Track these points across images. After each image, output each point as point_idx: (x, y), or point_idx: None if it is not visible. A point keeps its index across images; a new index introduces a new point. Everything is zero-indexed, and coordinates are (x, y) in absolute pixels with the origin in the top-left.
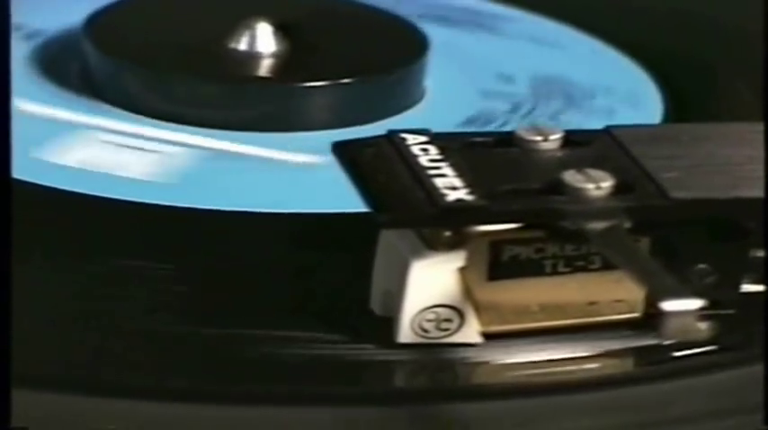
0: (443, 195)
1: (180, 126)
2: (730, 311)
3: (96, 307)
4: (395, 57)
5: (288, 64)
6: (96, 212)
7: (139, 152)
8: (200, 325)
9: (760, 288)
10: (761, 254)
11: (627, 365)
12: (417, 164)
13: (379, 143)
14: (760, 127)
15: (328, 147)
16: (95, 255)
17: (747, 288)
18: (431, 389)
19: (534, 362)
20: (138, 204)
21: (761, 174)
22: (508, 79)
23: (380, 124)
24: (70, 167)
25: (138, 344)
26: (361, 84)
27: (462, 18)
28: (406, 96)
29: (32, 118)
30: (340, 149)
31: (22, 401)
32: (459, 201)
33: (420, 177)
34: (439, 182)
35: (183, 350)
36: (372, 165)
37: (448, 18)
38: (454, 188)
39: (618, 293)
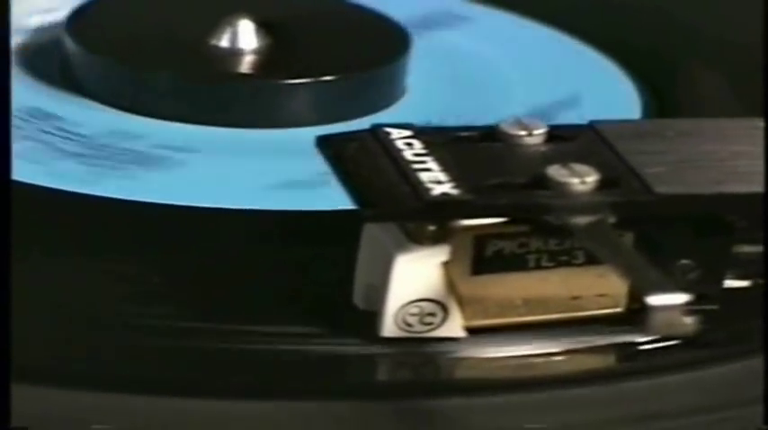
0: (428, 189)
1: (163, 122)
2: (713, 307)
3: (95, 303)
4: (377, 54)
5: (270, 61)
6: (92, 211)
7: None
8: (187, 320)
9: (743, 283)
10: (745, 249)
11: (610, 360)
12: (402, 158)
13: (364, 137)
14: (745, 122)
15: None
16: (92, 252)
17: (730, 283)
18: (414, 384)
19: (518, 356)
20: (129, 202)
21: (746, 169)
22: (488, 77)
23: (361, 121)
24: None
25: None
26: (343, 81)
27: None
28: (387, 94)
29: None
30: (324, 143)
31: (22, 397)
32: (444, 195)
33: (405, 171)
34: (424, 176)
35: (171, 345)
36: (356, 159)
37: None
38: (439, 182)
39: (601, 288)
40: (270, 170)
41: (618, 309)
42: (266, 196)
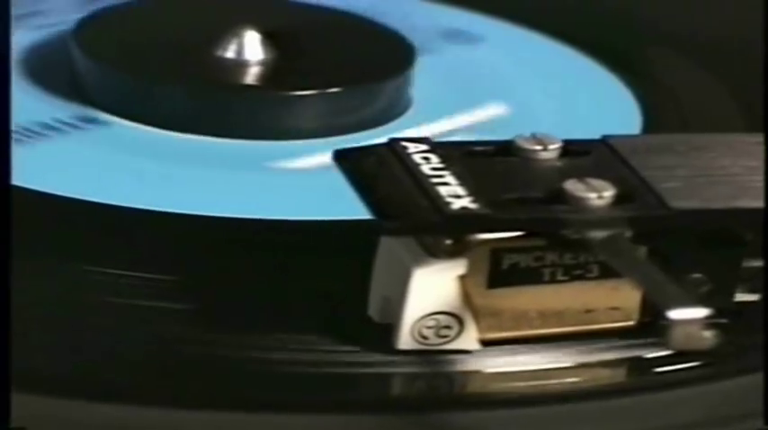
0: (448, 203)
1: (169, 132)
2: (724, 321)
3: (96, 312)
4: (382, 66)
5: (275, 72)
6: (93, 217)
7: (127, 157)
8: (197, 330)
9: (754, 297)
10: (754, 263)
11: (623, 375)
12: (420, 172)
13: (381, 151)
14: (757, 138)
15: (316, 155)
16: (94, 259)
17: (742, 297)
18: (429, 398)
19: (531, 370)
20: (133, 210)
21: (759, 184)
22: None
23: (367, 134)
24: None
25: (140, 349)
26: (349, 93)
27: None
28: (392, 106)
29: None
30: (341, 157)
31: (21, 404)
32: (464, 209)
33: (423, 185)
34: (443, 190)
35: (181, 356)
36: (375, 173)
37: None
38: (458, 196)
39: (614, 301)
40: (274, 181)
41: (630, 323)
42: (271, 206)
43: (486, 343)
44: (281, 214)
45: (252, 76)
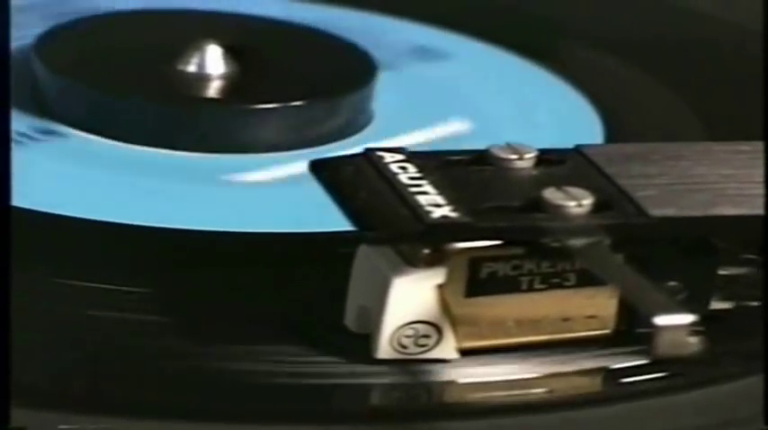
0: (429, 212)
1: (131, 146)
2: (700, 328)
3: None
4: (344, 80)
5: (237, 86)
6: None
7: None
8: (172, 342)
9: (728, 305)
10: (731, 271)
11: (600, 383)
12: (398, 181)
13: (358, 161)
14: (730, 146)
15: (279, 168)
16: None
17: (716, 305)
18: (408, 407)
19: (509, 380)
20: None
21: (736, 192)
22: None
23: (329, 147)
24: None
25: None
26: (311, 106)
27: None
28: (354, 120)
29: None
30: (318, 167)
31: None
32: (444, 217)
33: (402, 194)
34: (422, 199)
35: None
36: (352, 182)
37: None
38: (438, 205)
39: (591, 310)
40: (238, 194)
41: (606, 331)
42: (236, 220)
43: (464, 352)
44: (243, 226)
45: (213, 89)
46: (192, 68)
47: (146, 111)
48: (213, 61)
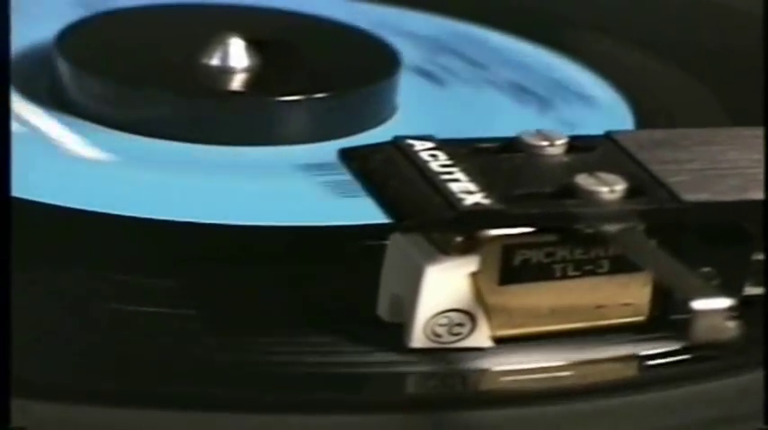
0: (461, 199)
1: (155, 140)
2: (736, 313)
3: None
4: (368, 72)
5: (261, 79)
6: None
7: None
8: (205, 335)
9: (760, 291)
10: (761, 257)
11: (635, 370)
12: (429, 169)
13: (387, 149)
14: (759, 131)
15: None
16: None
17: (750, 291)
18: (442, 396)
19: (542, 367)
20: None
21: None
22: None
23: (354, 139)
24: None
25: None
26: (335, 98)
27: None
28: (378, 111)
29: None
30: (348, 156)
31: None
32: (477, 204)
33: (434, 182)
34: (454, 186)
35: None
36: (383, 171)
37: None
38: (470, 192)
39: (625, 297)
40: (264, 186)
41: (640, 318)
42: (264, 211)
43: (498, 340)
44: (271, 220)
45: (238, 82)
46: (215, 62)
47: (170, 104)
48: (236, 54)
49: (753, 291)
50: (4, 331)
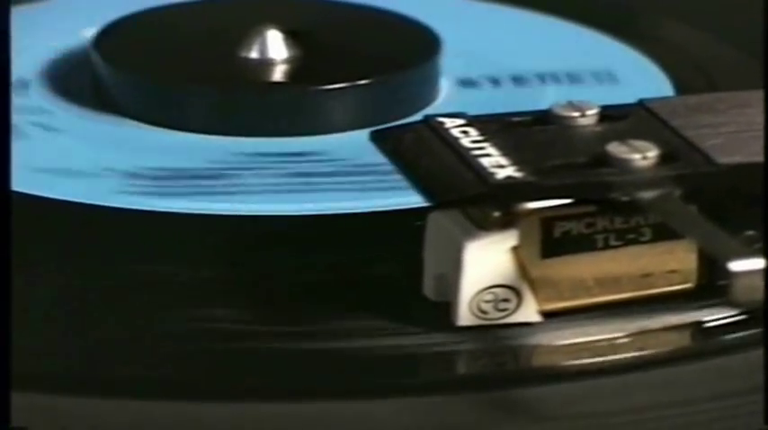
0: (492, 174)
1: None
2: None
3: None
4: (409, 55)
5: (302, 69)
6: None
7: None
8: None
9: None
10: None
11: (687, 339)
12: (460, 145)
13: (418, 128)
14: None
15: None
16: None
17: None
18: (496, 374)
19: (598, 340)
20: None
21: None
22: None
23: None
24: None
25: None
26: (378, 84)
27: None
28: (422, 95)
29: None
30: (380, 137)
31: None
32: (509, 178)
33: (465, 158)
34: (485, 161)
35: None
36: (414, 150)
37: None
38: (501, 166)
39: (670, 264)
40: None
41: (689, 285)
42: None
43: (547, 314)
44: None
45: (279, 73)
46: (254, 55)
47: (212, 99)
48: (275, 46)
49: None
50: (4, 330)
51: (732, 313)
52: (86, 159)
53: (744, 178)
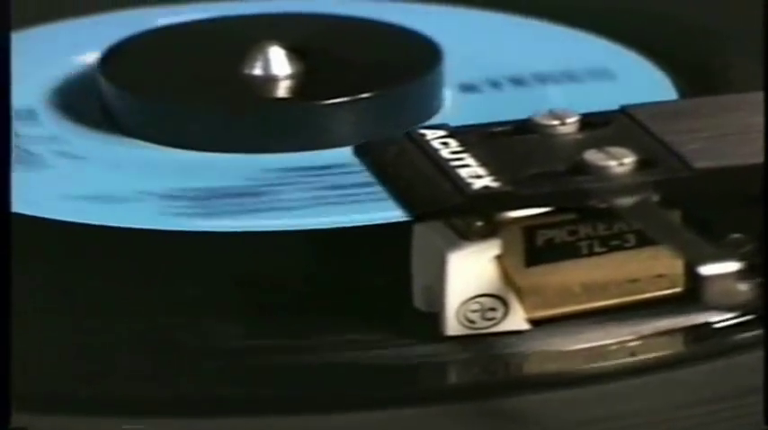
0: (469, 184)
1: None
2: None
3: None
4: (410, 68)
5: (305, 84)
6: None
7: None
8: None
9: None
10: None
11: (678, 344)
12: (440, 157)
13: (400, 141)
14: None
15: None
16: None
17: None
18: (486, 383)
19: (590, 347)
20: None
21: None
22: (522, 82)
23: None
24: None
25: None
26: (381, 97)
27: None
28: (425, 107)
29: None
30: (362, 151)
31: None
32: (485, 188)
33: (444, 169)
34: (463, 172)
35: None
36: (395, 163)
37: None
38: (479, 176)
39: (657, 269)
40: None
41: (678, 289)
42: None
43: (536, 322)
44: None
45: (283, 90)
46: (258, 72)
47: (217, 118)
48: (278, 63)
49: None
50: (4, 332)
51: (723, 317)
52: (117, 184)
53: (721, 182)
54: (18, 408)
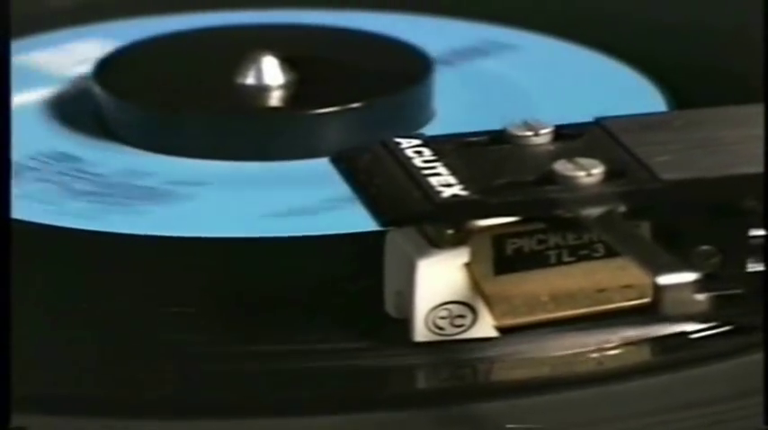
0: (439, 192)
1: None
2: (738, 291)
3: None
4: (401, 78)
5: (297, 94)
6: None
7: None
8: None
9: (763, 267)
10: (759, 233)
11: (644, 354)
12: (412, 165)
13: (375, 149)
14: (753, 108)
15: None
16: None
17: (753, 267)
18: (454, 389)
19: (557, 355)
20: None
21: (756, 152)
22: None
23: None
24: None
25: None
26: (371, 107)
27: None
28: (415, 117)
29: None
30: (338, 158)
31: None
32: (454, 196)
33: (415, 178)
34: (434, 180)
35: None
36: (369, 170)
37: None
38: (449, 185)
39: (625, 279)
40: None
41: (646, 300)
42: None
43: (505, 330)
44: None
45: (275, 99)
46: (251, 81)
47: (210, 126)
48: (270, 72)
49: (756, 267)
50: (4, 331)
51: (694, 328)
52: None
53: (688, 194)
54: (18, 408)
